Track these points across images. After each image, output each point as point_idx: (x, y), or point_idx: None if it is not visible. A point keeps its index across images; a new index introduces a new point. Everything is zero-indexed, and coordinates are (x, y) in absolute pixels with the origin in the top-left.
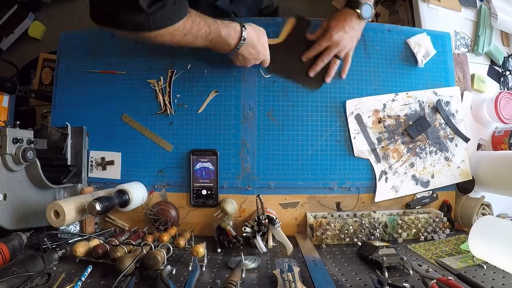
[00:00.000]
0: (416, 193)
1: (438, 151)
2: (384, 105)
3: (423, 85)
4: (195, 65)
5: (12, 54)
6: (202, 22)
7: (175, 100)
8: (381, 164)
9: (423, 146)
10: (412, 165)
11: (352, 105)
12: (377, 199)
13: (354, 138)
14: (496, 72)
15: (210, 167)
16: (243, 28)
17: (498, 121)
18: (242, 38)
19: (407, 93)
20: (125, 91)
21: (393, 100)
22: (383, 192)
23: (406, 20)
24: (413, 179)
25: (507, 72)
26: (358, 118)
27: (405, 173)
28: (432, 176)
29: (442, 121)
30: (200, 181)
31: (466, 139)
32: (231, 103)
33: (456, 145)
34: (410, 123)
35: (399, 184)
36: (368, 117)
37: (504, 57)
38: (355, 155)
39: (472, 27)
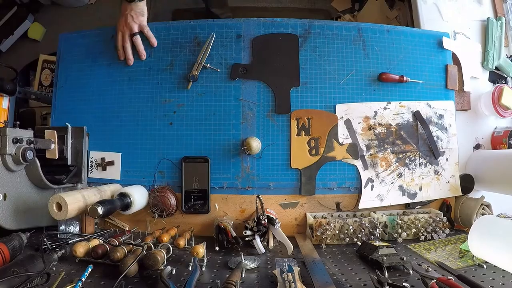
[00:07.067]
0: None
1: (428, 163)
2: (376, 112)
3: (419, 93)
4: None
5: (12, 56)
6: None
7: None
8: (368, 171)
9: (412, 157)
10: (400, 175)
11: (342, 110)
12: (360, 206)
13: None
14: (496, 77)
15: None
16: None
17: (495, 114)
18: None
19: (400, 103)
20: (125, 92)
21: (385, 108)
22: (368, 199)
23: (405, 20)
24: (400, 190)
25: None
26: (348, 123)
27: (392, 183)
28: (420, 189)
29: (435, 133)
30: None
31: (438, 155)
32: (230, 103)
33: (447, 160)
34: (402, 133)
35: (385, 193)
36: (358, 123)
37: None
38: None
39: (480, 37)
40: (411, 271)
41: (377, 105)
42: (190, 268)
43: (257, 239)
